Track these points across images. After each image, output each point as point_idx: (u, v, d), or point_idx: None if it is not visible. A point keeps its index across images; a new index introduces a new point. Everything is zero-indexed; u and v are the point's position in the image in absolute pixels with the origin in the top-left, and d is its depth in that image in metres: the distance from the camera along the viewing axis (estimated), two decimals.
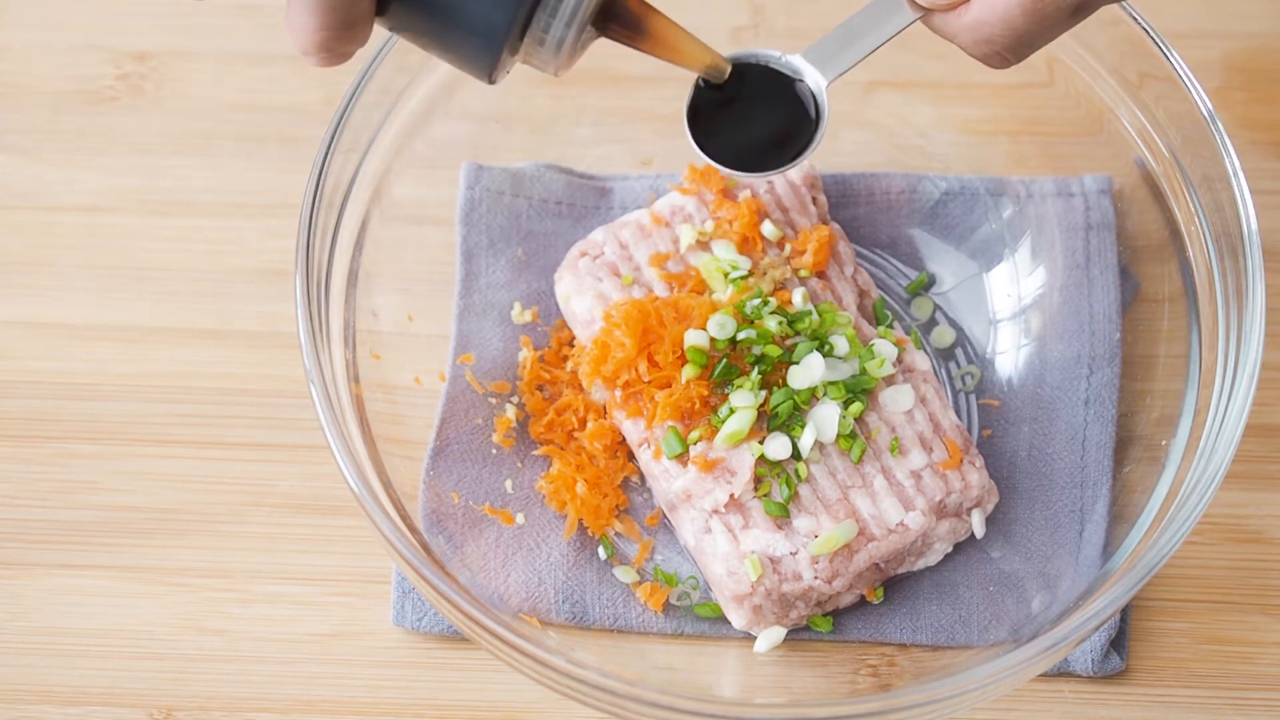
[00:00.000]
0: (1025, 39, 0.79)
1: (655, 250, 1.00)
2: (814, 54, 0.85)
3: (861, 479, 0.94)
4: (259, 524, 0.99)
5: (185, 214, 1.07)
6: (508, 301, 1.02)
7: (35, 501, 0.99)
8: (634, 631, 0.95)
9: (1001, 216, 1.04)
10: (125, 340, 1.03)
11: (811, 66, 0.85)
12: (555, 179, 1.06)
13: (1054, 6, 0.77)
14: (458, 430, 0.98)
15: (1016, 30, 0.78)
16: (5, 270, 1.05)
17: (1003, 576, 0.96)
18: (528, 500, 0.97)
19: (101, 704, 0.94)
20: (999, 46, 0.79)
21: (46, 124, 1.10)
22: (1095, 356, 1.00)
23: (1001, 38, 0.79)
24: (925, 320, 1.03)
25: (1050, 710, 0.94)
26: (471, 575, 0.93)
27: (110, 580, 0.97)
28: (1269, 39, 1.12)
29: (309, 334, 0.88)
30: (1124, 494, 0.95)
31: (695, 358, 0.94)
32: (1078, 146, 1.04)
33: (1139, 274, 1.02)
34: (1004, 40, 0.79)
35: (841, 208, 1.05)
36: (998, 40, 0.79)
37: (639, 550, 0.97)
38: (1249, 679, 0.95)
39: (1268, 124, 1.09)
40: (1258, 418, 1.01)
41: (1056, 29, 0.79)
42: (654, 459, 0.94)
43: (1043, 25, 0.78)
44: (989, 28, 0.78)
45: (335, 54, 0.74)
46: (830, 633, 0.95)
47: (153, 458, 1.00)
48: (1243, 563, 0.98)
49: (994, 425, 1.00)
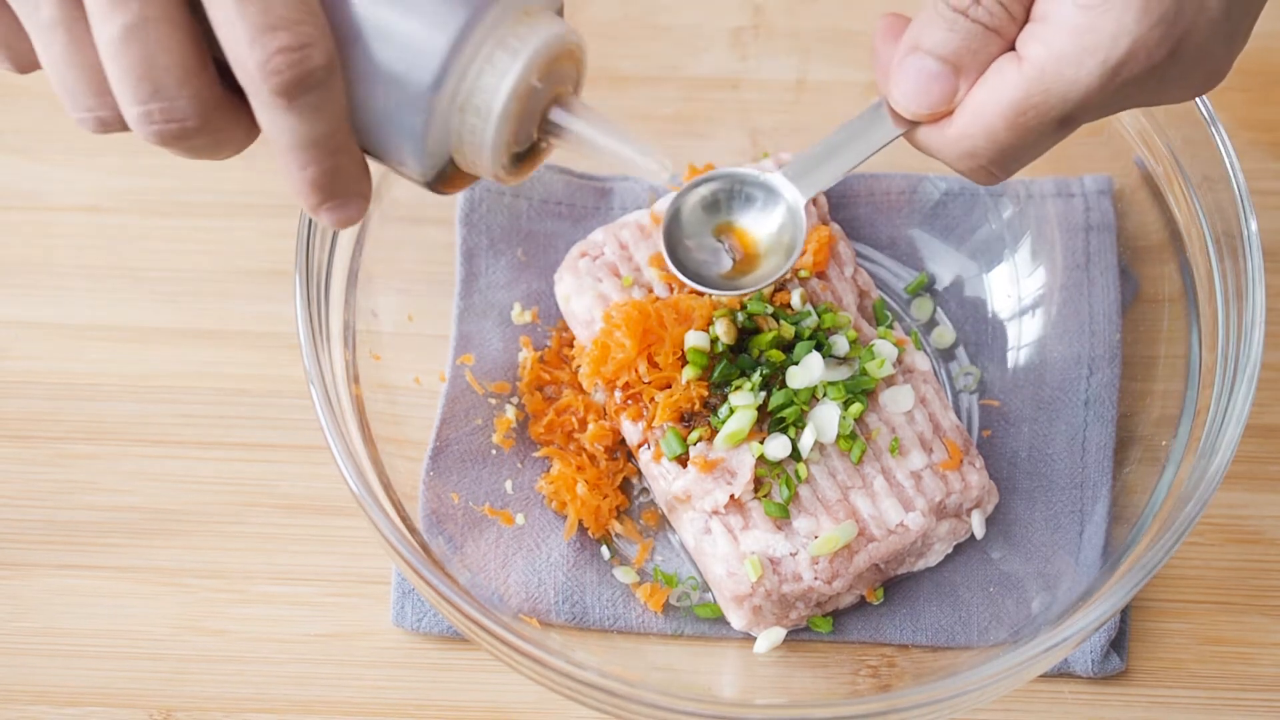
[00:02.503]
0: (1010, 153, 0.77)
1: (655, 250, 1.00)
2: (793, 170, 0.84)
3: (861, 479, 0.94)
4: (258, 524, 0.99)
5: (185, 214, 1.07)
6: (508, 302, 1.02)
7: (35, 501, 0.99)
8: (634, 632, 0.95)
9: (1001, 217, 1.04)
10: (125, 340, 1.03)
11: (789, 184, 0.84)
12: (555, 179, 1.06)
13: (1038, 119, 0.75)
14: (458, 431, 0.98)
15: (1000, 144, 0.76)
16: (5, 270, 1.05)
17: (1003, 577, 0.96)
18: (528, 501, 0.97)
19: (100, 704, 0.94)
20: (983, 160, 0.77)
21: (46, 124, 1.10)
22: (1095, 357, 1.00)
23: (985, 151, 0.77)
24: (925, 320, 1.03)
25: (1050, 711, 0.94)
26: (471, 576, 0.93)
27: (109, 580, 0.97)
28: (1269, 39, 1.12)
29: (309, 334, 0.88)
30: (1124, 494, 0.95)
31: (695, 359, 0.94)
32: (1078, 146, 1.03)
33: (1139, 274, 1.02)
34: (988, 154, 0.77)
35: (841, 208, 1.05)
36: (981, 154, 0.77)
37: (639, 551, 0.97)
38: (1249, 679, 0.95)
39: (1268, 124, 1.10)
40: (1258, 418, 1.01)
41: (1042, 143, 0.77)
42: (654, 460, 0.94)
43: (1027, 139, 0.76)
44: (971, 141, 0.77)
45: (340, 198, 0.71)
46: (830, 633, 0.95)
47: (152, 458, 1.00)
48: (1243, 563, 0.98)
49: (994, 425, 1.00)
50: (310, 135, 0.69)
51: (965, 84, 0.77)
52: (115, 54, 0.67)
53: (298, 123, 0.68)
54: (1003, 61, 0.76)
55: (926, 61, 0.77)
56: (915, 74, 0.77)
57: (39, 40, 0.69)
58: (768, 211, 0.86)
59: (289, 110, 0.68)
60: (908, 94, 0.78)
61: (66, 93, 0.70)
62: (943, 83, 0.77)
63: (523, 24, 0.71)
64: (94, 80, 0.69)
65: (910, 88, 0.78)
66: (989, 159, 0.77)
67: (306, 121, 0.68)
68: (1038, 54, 0.74)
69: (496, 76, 0.70)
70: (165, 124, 0.68)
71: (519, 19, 0.71)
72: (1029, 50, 0.75)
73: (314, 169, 0.70)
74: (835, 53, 1.07)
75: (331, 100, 0.68)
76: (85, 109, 0.70)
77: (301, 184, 0.71)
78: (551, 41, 0.71)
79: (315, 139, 0.69)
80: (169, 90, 0.67)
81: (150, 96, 0.68)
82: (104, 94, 0.69)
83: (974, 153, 0.77)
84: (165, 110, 0.68)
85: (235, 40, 0.67)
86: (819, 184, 0.84)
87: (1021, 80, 0.75)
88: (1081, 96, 0.74)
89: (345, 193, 0.72)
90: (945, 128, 0.78)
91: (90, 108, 0.70)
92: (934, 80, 0.77)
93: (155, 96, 0.68)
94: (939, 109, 0.78)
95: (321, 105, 0.68)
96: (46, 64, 0.70)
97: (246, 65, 0.67)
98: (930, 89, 0.77)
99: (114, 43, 0.67)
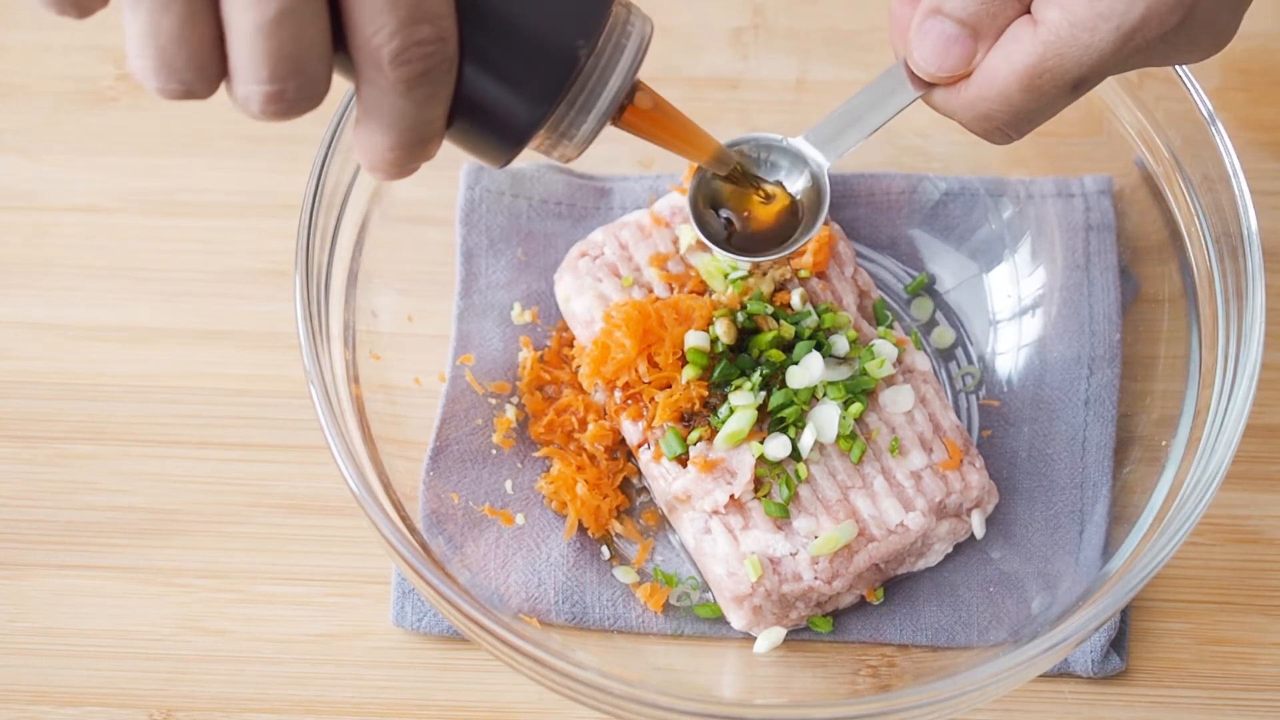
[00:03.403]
0: (1024, 115, 0.79)
1: (655, 251, 1.00)
2: (815, 136, 0.86)
3: (861, 479, 0.94)
4: (258, 524, 0.99)
5: (185, 214, 1.07)
6: (508, 302, 1.02)
7: (35, 501, 0.99)
8: (634, 632, 0.95)
9: (1001, 217, 1.04)
10: (125, 340, 1.03)
11: (813, 149, 0.86)
12: (555, 179, 1.06)
13: (1052, 83, 0.77)
14: (458, 431, 0.98)
15: (1015, 106, 0.78)
16: (5, 270, 1.05)
17: (1003, 577, 0.96)
18: (528, 501, 0.97)
19: (99, 704, 0.94)
20: (998, 123, 0.79)
21: (46, 124, 1.10)
22: (1095, 357, 1.00)
23: (1000, 114, 0.79)
24: (925, 320, 1.03)
25: (1050, 711, 0.94)
26: (471, 576, 0.93)
27: (109, 580, 0.97)
28: (1269, 39, 1.12)
29: (309, 334, 0.88)
30: (1124, 494, 0.95)
31: (696, 359, 0.94)
32: (1078, 147, 1.04)
33: (1139, 274, 1.02)
34: (1003, 116, 0.79)
35: (841, 208, 1.05)
36: (996, 116, 0.79)
37: (639, 551, 0.97)
38: (1249, 679, 0.95)
39: (1268, 124, 1.09)
40: (1258, 418, 1.01)
41: (1056, 105, 0.78)
42: (654, 460, 0.94)
43: (1041, 101, 0.78)
44: (987, 104, 0.79)
45: (404, 170, 0.73)
46: (830, 633, 0.95)
47: (152, 458, 1.00)
48: (1243, 563, 0.98)
49: (994, 425, 1.00)
50: (413, 121, 0.70)
51: (983, 47, 0.79)
52: (264, 36, 0.67)
53: (408, 108, 0.69)
54: (1019, 25, 0.77)
55: (946, 25, 0.79)
56: (935, 37, 0.79)
57: (143, 9, 0.67)
58: (793, 178, 0.87)
59: (406, 96, 0.69)
60: (927, 56, 0.79)
61: (161, 64, 0.68)
62: (961, 46, 0.79)
63: (630, 19, 0.72)
64: (203, 55, 0.68)
65: (930, 50, 0.79)
66: (1003, 121, 0.79)
67: (415, 107, 0.69)
68: (1054, 19, 0.76)
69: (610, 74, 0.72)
70: (296, 100, 0.69)
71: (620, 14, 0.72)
72: (1045, 14, 0.76)
73: (401, 151, 0.71)
74: (835, 53, 1.07)
75: (444, 92, 0.70)
76: (179, 81, 0.68)
77: (379, 159, 0.72)
78: (648, 36, 0.73)
79: (415, 124, 0.70)
80: (311, 71, 0.68)
81: (289, 75, 0.68)
82: (207, 67, 0.68)
83: (989, 115, 0.79)
84: (299, 88, 0.68)
85: (376, 26, 0.67)
86: (843, 148, 0.85)
87: (1037, 44, 0.76)
88: (1095, 61, 0.76)
89: (409, 169, 0.73)
90: (962, 90, 0.80)
91: (185, 81, 0.68)
92: (953, 43, 0.79)
93: (294, 76, 0.68)
94: (957, 71, 0.79)
95: (434, 95, 0.70)
96: (141, 34, 0.67)
97: (378, 49, 0.68)
98: (949, 51, 0.79)
99: (266, 25, 0.66)
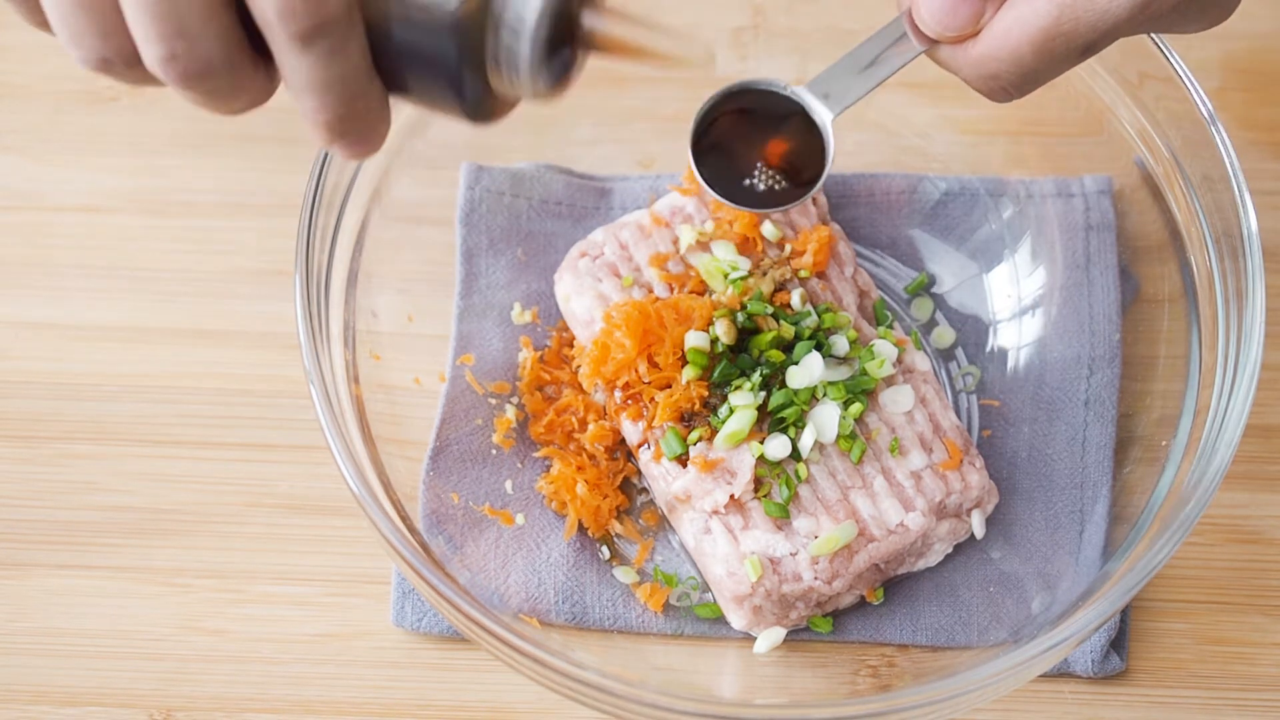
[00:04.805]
0: (1031, 76, 0.78)
1: (655, 251, 1.00)
2: (819, 87, 0.85)
3: (861, 480, 0.94)
4: (258, 524, 0.99)
5: (185, 214, 1.07)
6: (508, 302, 1.02)
7: (34, 501, 0.99)
8: (634, 632, 0.95)
9: (1001, 217, 1.04)
10: (125, 340, 1.03)
11: (817, 100, 0.85)
12: (555, 179, 1.06)
13: (1065, 45, 0.76)
14: (457, 431, 0.98)
15: (1024, 67, 0.77)
16: (5, 270, 1.05)
17: (1003, 577, 0.96)
18: (528, 501, 0.97)
19: (99, 704, 0.94)
20: (1004, 82, 0.79)
21: (46, 124, 1.10)
22: (1095, 357, 1.00)
23: (1008, 74, 0.78)
24: (925, 320, 1.03)
25: (1050, 711, 0.94)
26: (471, 576, 0.93)
27: (109, 580, 0.97)
28: (1269, 39, 1.12)
29: (309, 334, 0.88)
30: (1124, 494, 0.95)
31: (696, 359, 0.94)
32: (1078, 147, 1.04)
33: (1139, 274, 1.02)
34: (1010, 76, 0.78)
35: (841, 208, 1.05)
36: (1004, 76, 0.78)
37: (639, 551, 0.97)
38: (1249, 679, 0.95)
39: (1268, 124, 1.09)
40: (1258, 418, 1.01)
41: (1063, 66, 0.78)
42: (654, 460, 0.94)
43: (1051, 63, 0.77)
44: (996, 63, 0.78)
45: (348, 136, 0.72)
46: (830, 633, 0.95)
47: (152, 458, 1.00)
48: (1243, 563, 0.98)
49: (994, 425, 1.00)
50: (326, 78, 0.69)
51: (992, 6, 0.78)
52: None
53: (314, 66, 0.69)
54: None
55: None
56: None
57: None
58: (795, 127, 0.86)
59: (306, 53, 0.68)
60: (935, 14, 0.79)
61: (70, 35, 0.70)
62: (969, 5, 0.78)
63: None
64: (103, 21, 0.69)
65: (937, 8, 0.79)
66: (1009, 81, 0.79)
67: (323, 64, 0.69)
68: None
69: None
70: (189, 61, 0.69)
71: None
72: None
73: (329, 112, 0.71)
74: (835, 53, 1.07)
75: (349, 43, 0.69)
76: (90, 49, 0.70)
77: (316, 125, 0.71)
78: None
79: (331, 82, 0.69)
80: (193, 28, 0.68)
81: (174, 34, 0.68)
82: (111, 35, 0.69)
83: (997, 74, 0.78)
84: (189, 49, 0.68)
85: None
86: (845, 101, 0.84)
87: (1053, 6, 0.76)
88: (1110, 26, 0.76)
89: (359, 133, 0.72)
90: (969, 48, 0.79)
91: (96, 49, 0.70)
92: (962, 2, 0.78)
93: (179, 35, 0.68)
94: (965, 30, 0.79)
95: (338, 49, 0.69)
96: (49, 4, 0.69)
97: (265, 9, 0.67)
98: (958, 10, 0.78)
99: None
